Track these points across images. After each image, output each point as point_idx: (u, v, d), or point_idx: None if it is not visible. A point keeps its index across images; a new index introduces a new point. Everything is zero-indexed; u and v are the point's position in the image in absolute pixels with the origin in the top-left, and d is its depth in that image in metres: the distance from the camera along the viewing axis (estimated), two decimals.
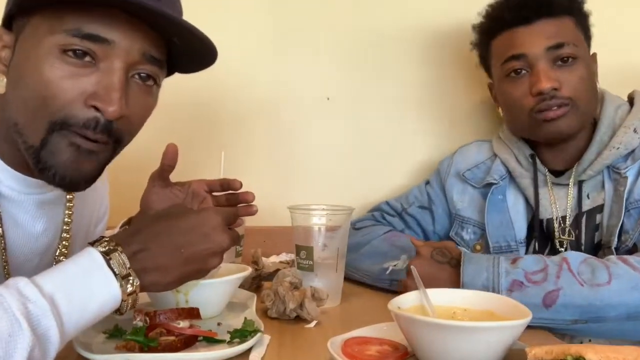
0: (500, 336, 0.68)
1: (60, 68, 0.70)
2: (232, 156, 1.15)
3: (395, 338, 0.78)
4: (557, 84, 1.08)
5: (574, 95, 1.09)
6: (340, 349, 0.74)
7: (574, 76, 1.10)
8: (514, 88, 1.14)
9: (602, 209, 1.10)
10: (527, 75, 1.12)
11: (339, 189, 1.45)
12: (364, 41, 1.46)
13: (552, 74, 1.09)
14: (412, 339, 0.73)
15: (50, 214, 0.87)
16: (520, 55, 1.11)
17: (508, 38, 1.14)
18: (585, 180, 1.13)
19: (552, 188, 1.17)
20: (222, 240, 0.75)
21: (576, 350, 0.60)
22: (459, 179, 1.29)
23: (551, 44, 1.09)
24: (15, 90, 0.73)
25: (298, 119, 1.46)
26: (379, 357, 0.74)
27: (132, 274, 0.68)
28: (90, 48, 0.71)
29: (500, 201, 1.20)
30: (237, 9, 1.42)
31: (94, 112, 0.72)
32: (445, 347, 0.68)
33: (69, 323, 0.63)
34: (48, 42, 0.70)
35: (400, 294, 0.82)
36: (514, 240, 1.17)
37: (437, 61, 1.47)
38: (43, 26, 0.71)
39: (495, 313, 0.77)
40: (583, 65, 1.11)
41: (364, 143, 1.48)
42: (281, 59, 1.45)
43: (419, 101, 1.48)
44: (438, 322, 0.69)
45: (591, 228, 1.11)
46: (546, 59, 1.10)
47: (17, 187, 0.81)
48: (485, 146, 1.31)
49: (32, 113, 0.71)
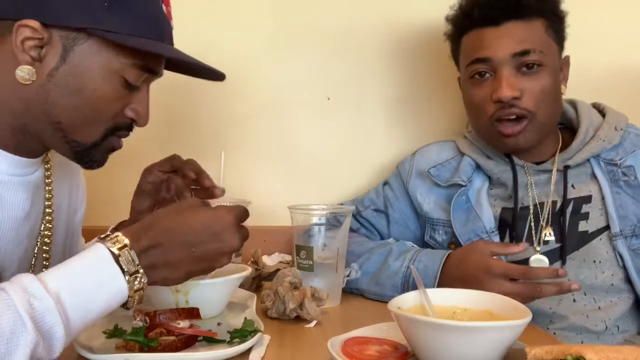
0: (500, 336, 0.68)
1: (118, 90, 0.82)
2: (232, 156, 1.15)
3: (395, 338, 0.78)
4: (519, 92, 1.08)
5: (534, 107, 1.09)
6: (340, 349, 0.74)
7: (536, 85, 1.09)
8: (476, 91, 1.13)
9: (589, 200, 1.11)
10: (490, 79, 1.11)
11: (339, 189, 1.45)
12: (364, 41, 1.46)
13: (514, 82, 1.08)
14: (412, 339, 0.73)
15: (33, 196, 0.88)
16: (485, 59, 1.10)
17: (476, 38, 1.12)
18: (571, 166, 1.13)
19: (531, 175, 1.16)
20: (233, 240, 0.75)
21: (576, 350, 0.60)
22: (423, 178, 1.26)
23: (517, 50, 1.08)
24: (67, 97, 0.79)
25: (298, 119, 1.46)
26: (379, 357, 0.74)
27: (140, 271, 0.69)
28: (142, 77, 0.84)
29: (464, 202, 1.18)
30: (237, 9, 1.42)
31: (129, 121, 0.86)
32: (445, 347, 0.68)
33: (74, 319, 0.64)
34: (113, 67, 0.80)
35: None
36: (484, 231, 1.14)
37: (438, 61, 1.47)
38: (109, 52, 0.79)
39: (495, 313, 0.77)
40: (548, 73, 1.10)
41: (364, 143, 1.48)
42: (281, 59, 1.45)
43: (419, 101, 1.48)
44: (438, 322, 0.69)
45: (576, 217, 1.11)
46: (511, 65, 1.08)
47: (4, 169, 0.83)
48: (447, 145, 1.29)
49: (87, 120, 0.81)
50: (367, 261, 1.12)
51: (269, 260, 1.30)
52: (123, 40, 0.77)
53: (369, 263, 1.12)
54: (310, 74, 1.45)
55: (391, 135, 1.48)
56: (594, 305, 1.07)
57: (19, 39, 0.76)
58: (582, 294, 1.08)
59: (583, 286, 1.07)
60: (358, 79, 1.47)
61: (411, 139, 1.48)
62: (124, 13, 0.78)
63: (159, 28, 0.82)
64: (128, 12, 0.78)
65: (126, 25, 0.78)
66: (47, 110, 0.80)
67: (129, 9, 0.78)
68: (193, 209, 0.76)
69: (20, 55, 0.76)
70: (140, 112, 0.85)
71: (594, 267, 1.08)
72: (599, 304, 1.07)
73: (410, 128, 1.48)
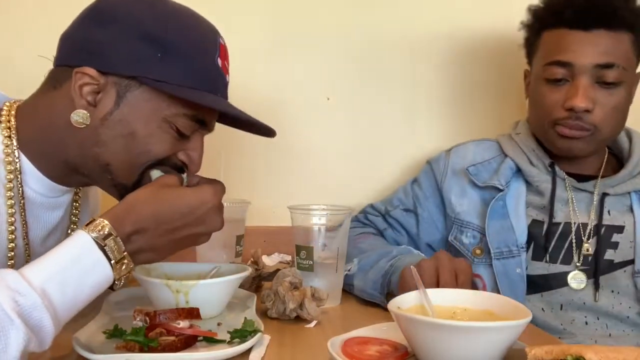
0: (500, 336, 0.68)
1: (169, 136, 0.84)
2: (232, 156, 1.15)
3: (396, 338, 0.78)
4: (592, 105, 1.06)
5: (601, 122, 1.08)
6: (340, 349, 0.74)
7: (610, 101, 1.07)
8: (549, 94, 1.11)
9: (621, 230, 1.10)
10: (566, 85, 1.09)
11: (339, 189, 1.45)
12: (364, 41, 1.46)
13: (590, 93, 1.07)
14: (412, 339, 0.72)
15: (63, 213, 0.93)
16: (567, 63, 1.07)
17: (561, 37, 1.09)
18: (610, 195, 1.12)
19: (572, 191, 1.15)
20: (216, 223, 0.81)
21: (576, 351, 0.60)
22: (458, 177, 1.23)
23: (601, 61, 1.06)
24: (117, 140, 0.82)
25: (298, 119, 1.46)
26: (379, 357, 0.74)
27: (127, 257, 0.72)
28: (193, 127, 0.86)
29: (501, 207, 1.16)
30: (237, 8, 1.42)
31: (180, 163, 0.87)
32: (445, 347, 0.68)
33: (62, 310, 0.67)
34: (164, 115, 0.82)
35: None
36: (515, 244, 1.13)
37: (439, 61, 1.47)
38: (160, 100, 0.82)
39: (495, 313, 0.77)
40: (623, 91, 1.09)
41: (364, 143, 1.48)
42: (281, 59, 1.45)
43: (419, 101, 1.48)
44: (438, 322, 0.69)
45: (606, 243, 1.10)
46: (590, 75, 1.06)
47: (43, 192, 0.87)
48: (486, 145, 1.26)
49: (132, 161, 0.83)
50: (366, 258, 1.11)
51: (269, 260, 1.30)
52: (171, 89, 0.80)
53: (366, 260, 1.10)
54: (310, 74, 1.45)
55: (391, 136, 1.48)
56: (605, 332, 1.07)
57: (77, 84, 0.80)
58: (595, 317, 1.08)
59: (598, 311, 1.07)
60: (358, 79, 1.47)
61: (412, 139, 1.48)
62: (176, 65, 0.81)
63: (211, 81, 0.85)
64: (180, 64, 0.81)
65: (178, 76, 0.81)
66: (97, 153, 0.83)
67: (181, 61, 0.81)
68: (174, 190, 0.79)
69: (78, 99, 0.80)
70: (193, 158, 0.88)
71: (612, 296, 1.08)
72: (610, 331, 1.07)
73: (411, 128, 1.48)
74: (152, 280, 0.90)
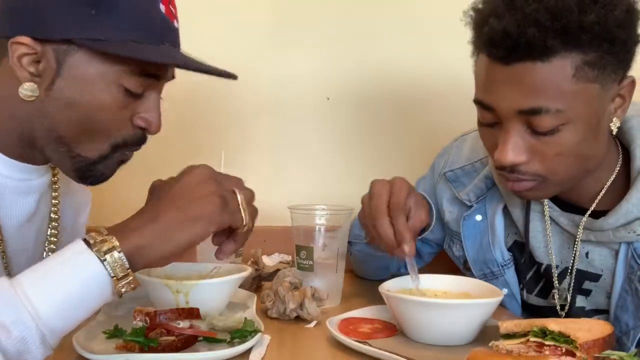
0: (476, 312, 0.80)
1: (119, 99, 0.78)
2: (232, 156, 1.15)
3: (385, 318, 0.90)
4: (525, 157, 0.82)
5: (546, 171, 0.83)
6: (337, 327, 0.85)
7: (551, 150, 0.81)
8: (485, 137, 0.89)
9: (596, 278, 0.93)
10: (498, 127, 0.84)
11: (339, 189, 1.45)
12: (364, 41, 1.46)
13: (520, 144, 0.81)
14: (400, 317, 0.84)
15: (38, 200, 0.89)
16: (489, 107, 0.83)
17: (483, 68, 0.83)
18: (593, 241, 0.91)
19: (550, 221, 0.96)
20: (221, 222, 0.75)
21: (541, 322, 0.69)
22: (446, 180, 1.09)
23: (523, 107, 0.79)
24: (63, 110, 0.77)
25: (298, 118, 1.46)
26: (370, 333, 0.84)
27: (130, 274, 0.68)
28: (144, 83, 0.80)
29: (473, 225, 1.03)
30: (237, 8, 1.42)
31: (140, 131, 0.82)
32: (429, 322, 0.80)
33: (60, 330, 0.64)
34: (109, 76, 0.77)
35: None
36: (494, 265, 1.02)
37: (439, 61, 1.47)
38: (101, 61, 0.76)
39: (471, 294, 0.88)
40: (574, 129, 0.80)
41: (364, 143, 1.48)
42: (281, 59, 1.45)
43: (419, 101, 1.48)
44: (423, 300, 0.82)
45: (576, 289, 0.95)
46: (519, 120, 0.80)
47: (9, 174, 0.83)
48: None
49: (89, 132, 0.79)
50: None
51: (269, 260, 1.30)
52: (111, 48, 0.75)
53: None
54: (310, 74, 1.45)
55: (391, 136, 1.48)
56: None
57: (15, 55, 0.75)
58: None
59: None
60: (358, 79, 1.46)
61: (412, 139, 1.48)
62: (113, 19, 0.75)
63: (156, 31, 0.78)
64: (117, 17, 0.75)
65: (116, 31, 0.75)
66: (48, 125, 0.79)
67: (117, 14, 0.75)
68: (188, 198, 0.73)
69: (19, 71, 0.76)
70: (150, 120, 0.82)
71: None
72: None
73: (412, 128, 1.48)
74: (152, 280, 0.90)
